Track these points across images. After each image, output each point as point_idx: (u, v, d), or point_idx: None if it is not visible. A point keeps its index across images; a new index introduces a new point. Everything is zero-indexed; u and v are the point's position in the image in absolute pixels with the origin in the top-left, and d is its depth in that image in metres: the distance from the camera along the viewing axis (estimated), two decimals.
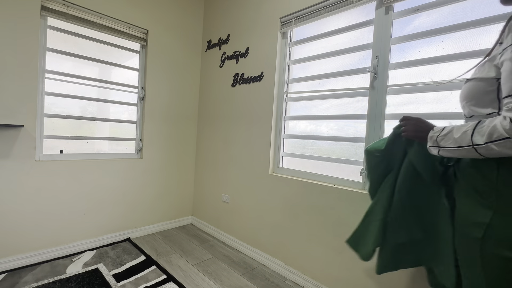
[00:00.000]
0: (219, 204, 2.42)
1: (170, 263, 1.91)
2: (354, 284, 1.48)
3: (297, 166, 1.90)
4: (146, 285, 1.61)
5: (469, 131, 0.66)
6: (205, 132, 2.63)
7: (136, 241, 2.23)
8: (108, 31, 2.09)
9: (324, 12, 1.70)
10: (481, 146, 0.62)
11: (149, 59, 2.32)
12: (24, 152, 1.73)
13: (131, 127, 2.34)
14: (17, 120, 1.69)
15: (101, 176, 2.10)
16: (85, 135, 2.09)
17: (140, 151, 2.36)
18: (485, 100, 0.70)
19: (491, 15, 1.14)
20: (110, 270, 1.75)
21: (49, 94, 1.86)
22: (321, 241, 1.63)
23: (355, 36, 1.62)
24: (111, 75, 2.21)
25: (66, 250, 1.94)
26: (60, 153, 1.94)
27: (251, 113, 2.15)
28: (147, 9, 2.28)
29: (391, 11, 1.43)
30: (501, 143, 0.58)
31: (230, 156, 2.33)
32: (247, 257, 2.08)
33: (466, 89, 0.77)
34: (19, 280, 1.58)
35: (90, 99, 2.07)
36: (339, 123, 1.69)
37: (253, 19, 2.16)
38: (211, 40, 2.59)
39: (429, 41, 1.33)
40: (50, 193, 1.86)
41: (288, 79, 1.97)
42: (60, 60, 1.92)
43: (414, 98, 1.36)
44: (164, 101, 2.45)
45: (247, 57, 2.20)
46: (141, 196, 2.36)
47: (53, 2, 1.80)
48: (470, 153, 0.66)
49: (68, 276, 1.64)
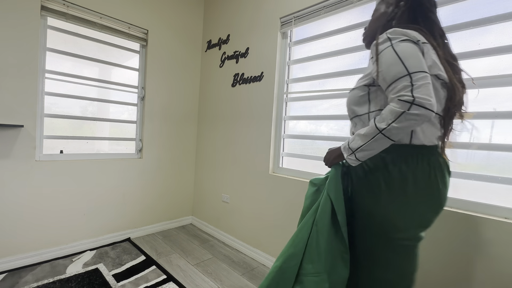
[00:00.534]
0: (219, 204, 2.42)
1: (170, 263, 1.91)
2: None
3: (297, 166, 1.90)
4: (146, 285, 1.61)
5: (372, 124, 0.77)
6: (205, 132, 2.63)
7: (136, 241, 2.23)
8: (108, 31, 2.09)
9: (324, 12, 1.70)
10: (386, 128, 0.72)
11: (149, 59, 2.32)
12: (24, 152, 1.73)
13: (131, 127, 2.34)
14: (17, 120, 1.69)
15: (101, 176, 2.10)
16: (85, 135, 2.09)
17: (140, 151, 2.36)
18: (361, 101, 0.89)
19: (491, 15, 1.14)
20: (110, 270, 1.75)
21: (49, 94, 1.86)
22: None
23: (355, 36, 1.62)
24: (111, 75, 2.21)
25: (66, 250, 1.94)
26: (60, 153, 1.94)
27: (251, 113, 2.15)
28: (147, 9, 2.28)
29: None
30: (400, 119, 0.70)
31: (230, 156, 2.33)
32: (247, 257, 2.08)
33: (349, 96, 0.94)
34: (19, 280, 1.58)
35: (90, 99, 2.07)
36: (339, 123, 1.69)
37: (253, 19, 2.16)
38: (211, 40, 2.59)
39: None
40: (50, 193, 1.86)
41: (288, 79, 1.97)
42: (60, 60, 1.92)
43: None
44: (164, 101, 2.45)
45: (247, 57, 2.20)
46: (141, 196, 2.36)
47: (53, 2, 1.80)
48: (381, 141, 0.75)
49: (68, 276, 1.64)
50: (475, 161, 1.20)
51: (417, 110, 0.67)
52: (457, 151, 1.24)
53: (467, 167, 1.21)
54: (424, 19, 0.85)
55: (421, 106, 0.67)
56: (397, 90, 0.72)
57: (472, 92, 0.98)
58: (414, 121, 0.69)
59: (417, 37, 0.78)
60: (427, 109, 0.67)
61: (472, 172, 1.18)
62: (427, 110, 0.68)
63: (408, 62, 0.72)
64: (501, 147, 1.11)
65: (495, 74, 1.13)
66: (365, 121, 0.88)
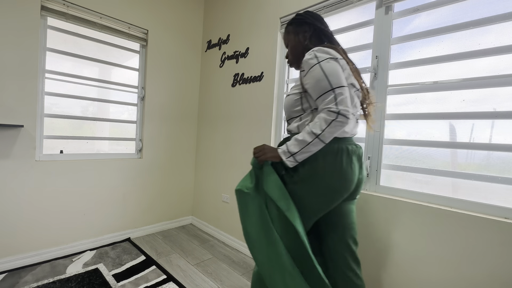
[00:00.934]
0: (219, 204, 2.42)
1: (170, 263, 1.91)
2: None
3: None
4: (146, 285, 1.61)
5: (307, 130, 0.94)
6: (205, 132, 2.63)
7: (136, 241, 2.23)
8: (108, 31, 2.09)
9: (324, 12, 1.70)
10: (321, 134, 0.92)
11: (149, 59, 2.32)
12: (24, 152, 1.73)
13: (131, 127, 2.34)
14: (17, 120, 1.69)
15: (101, 176, 2.10)
16: (85, 135, 2.09)
17: (140, 151, 2.36)
18: (295, 105, 1.08)
19: (491, 15, 1.14)
20: (110, 270, 1.75)
21: (49, 94, 1.86)
22: None
23: (355, 36, 1.62)
24: (111, 75, 2.21)
25: (66, 250, 1.94)
26: (60, 153, 1.94)
27: (251, 113, 2.15)
28: (147, 9, 2.28)
29: (391, 11, 1.43)
30: (330, 126, 0.91)
31: (230, 156, 2.33)
32: (247, 257, 2.08)
33: (286, 101, 1.13)
34: (19, 280, 1.58)
35: (90, 99, 2.07)
36: None
37: (253, 19, 2.16)
38: (211, 40, 2.59)
39: (429, 41, 1.33)
40: (50, 193, 1.86)
41: (288, 79, 1.97)
42: (60, 60, 1.92)
43: (414, 98, 1.37)
44: (164, 101, 2.46)
45: (247, 57, 2.20)
46: (141, 196, 2.36)
47: (53, 2, 1.80)
48: (316, 144, 0.93)
49: (68, 276, 1.64)
50: (475, 161, 1.20)
51: (341, 119, 0.90)
52: (457, 151, 1.24)
53: (467, 167, 1.21)
54: (328, 41, 1.14)
55: (344, 116, 0.90)
56: (326, 102, 0.93)
57: (472, 92, 0.97)
58: (339, 126, 0.92)
59: (336, 55, 1.00)
60: (347, 118, 0.91)
61: (472, 172, 1.18)
62: (347, 118, 0.91)
63: (331, 78, 0.94)
64: (501, 147, 1.11)
65: (495, 74, 1.13)
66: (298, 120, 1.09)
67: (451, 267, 1.16)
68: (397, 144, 1.41)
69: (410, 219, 1.28)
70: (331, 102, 0.92)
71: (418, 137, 1.35)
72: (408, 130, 1.40)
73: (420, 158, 1.34)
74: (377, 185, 1.45)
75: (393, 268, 1.33)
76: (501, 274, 1.04)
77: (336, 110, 0.90)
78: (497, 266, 1.05)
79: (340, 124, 0.91)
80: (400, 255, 1.31)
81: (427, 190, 1.30)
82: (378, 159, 1.44)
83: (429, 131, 1.32)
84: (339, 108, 0.90)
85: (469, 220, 1.12)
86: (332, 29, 1.71)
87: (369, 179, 1.48)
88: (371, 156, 1.47)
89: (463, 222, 1.13)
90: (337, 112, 0.90)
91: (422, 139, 1.33)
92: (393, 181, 1.43)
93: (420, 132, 1.35)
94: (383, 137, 1.44)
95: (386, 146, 1.44)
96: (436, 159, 1.29)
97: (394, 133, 1.44)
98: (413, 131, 1.37)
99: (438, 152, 1.29)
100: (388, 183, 1.43)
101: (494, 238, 1.06)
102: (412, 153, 1.37)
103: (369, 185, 1.48)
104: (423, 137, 1.33)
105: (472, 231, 1.11)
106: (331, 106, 0.91)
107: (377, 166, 1.45)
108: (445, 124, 1.27)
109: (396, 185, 1.40)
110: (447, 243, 1.17)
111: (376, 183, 1.45)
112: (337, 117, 0.90)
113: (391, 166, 1.42)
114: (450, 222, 1.16)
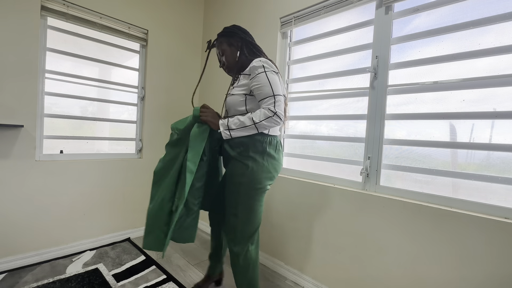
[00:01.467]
0: None
1: (170, 263, 1.91)
2: (354, 283, 1.48)
3: (297, 166, 1.90)
4: (146, 285, 1.61)
5: (249, 116, 1.17)
6: None
7: (136, 241, 2.23)
8: (108, 31, 2.09)
9: (324, 12, 1.70)
10: (258, 123, 1.15)
11: (149, 59, 2.32)
12: (24, 152, 1.73)
13: (131, 127, 2.34)
14: (17, 120, 1.69)
15: (101, 176, 2.10)
16: (85, 135, 2.08)
17: (140, 151, 2.36)
18: (240, 104, 1.28)
19: (491, 15, 1.14)
20: (110, 270, 1.75)
21: (49, 94, 1.86)
22: (321, 240, 1.63)
23: (355, 36, 1.62)
24: (111, 75, 2.21)
25: (66, 250, 1.94)
26: (60, 153, 1.94)
27: None
28: (147, 9, 2.28)
29: (391, 11, 1.43)
30: (267, 120, 1.14)
31: None
32: None
33: (230, 99, 1.31)
34: (19, 280, 1.58)
35: (90, 99, 2.07)
36: (339, 123, 1.69)
37: (253, 19, 2.16)
38: (211, 40, 2.58)
39: (429, 41, 1.33)
40: (50, 193, 1.86)
41: (288, 79, 1.97)
42: (60, 60, 1.92)
43: (414, 98, 1.37)
44: (164, 101, 2.46)
45: None
46: (141, 196, 2.36)
47: (53, 2, 1.80)
48: (251, 129, 1.17)
49: (68, 276, 1.64)
50: (475, 161, 1.20)
51: (276, 118, 1.15)
52: (457, 151, 1.24)
53: (467, 167, 1.21)
54: (258, 51, 1.36)
55: (278, 117, 1.15)
56: (268, 104, 1.16)
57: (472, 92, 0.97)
58: (273, 123, 1.16)
59: (277, 70, 1.25)
60: (281, 119, 1.16)
61: (472, 172, 1.18)
62: (281, 119, 1.16)
63: (274, 87, 1.17)
64: (501, 147, 1.11)
65: (495, 74, 1.13)
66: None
67: (451, 267, 1.16)
68: (397, 144, 1.41)
69: (410, 219, 1.28)
70: (271, 104, 1.16)
71: (418, 137, 1.35)
72: (408, 130, 1.40)
73: (420, 158, 1.34)
74: (377, 185, 1.45)
75: (393, 268, 1.33)
76: (501, 274, 1.04)
77: (274, 110, 1.14)
78: (497, 266, 1.05)
79: (275, 122, 1.15)
80: (400, 255, 1.31)
81: (427, 190, 1.30)
82: (378, 159, 1.44)
83: (429, 131, 1.32)
84: (276, 110, 1.14)
85: (469, 220, 1.12)
86: (332, 29, 1.72)
87: (369, 179, 1.48)
88: (371, 156, 1.47)
89: (463, 222, 1.13)
90: (275, 112, 1.14)
91: (422, 139, 1.33)
92: (393, 181, 1.43)
93: (420, 132, 1.35)
94: (383, 137, 1.44)
95: (386, 146, 1.44)
96: (436, 159, 1.29)
97: (394, 133, 1.44)
98: (413, 131, 1.37)
99: (438, 152, 1.29)
100: (388, 183, 1.43)
101: (494, 238, 1.06)
102: (412, 153, 1.37)
103: (369, 185, 1.48)
104: (423, 137, 1.33)
105: (472, 231, 1.11)
106: (271, 107, 1.15)
107: (377, 166, 1.45)
108: (445, 124, 1.27)
109: (396, 185, 1.40)
110: (447, 243, 1.17)
111: (376, 183, 1.45)
112: (274, 116, 1.14)
113: (391, 166, 1.42)
114: (450, 222, 1.16)
